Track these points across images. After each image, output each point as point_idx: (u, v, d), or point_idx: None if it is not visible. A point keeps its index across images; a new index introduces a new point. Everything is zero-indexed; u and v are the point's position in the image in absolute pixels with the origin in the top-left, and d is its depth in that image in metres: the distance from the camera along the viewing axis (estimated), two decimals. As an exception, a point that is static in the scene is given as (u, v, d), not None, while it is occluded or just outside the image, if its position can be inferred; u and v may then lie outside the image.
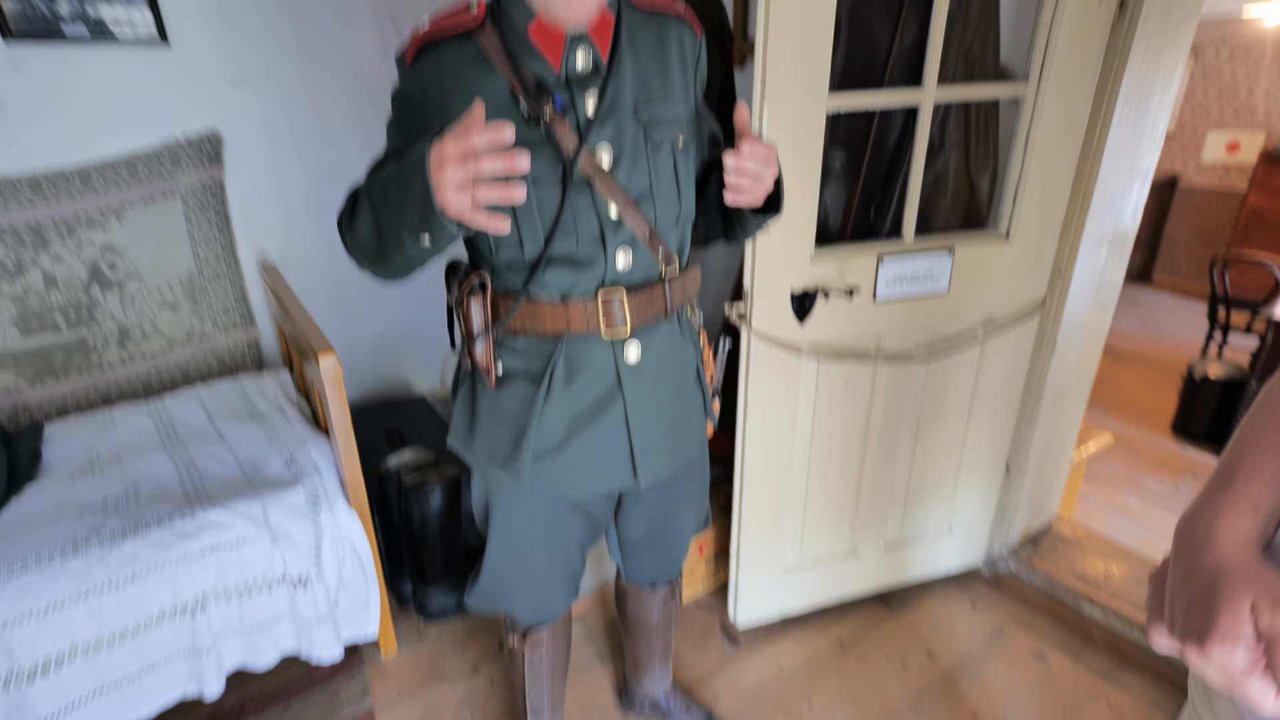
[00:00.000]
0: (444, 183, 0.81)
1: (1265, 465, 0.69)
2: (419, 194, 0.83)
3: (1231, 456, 0.73)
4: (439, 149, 0.81)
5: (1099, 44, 1.73)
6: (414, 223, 0.88)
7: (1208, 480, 0.74)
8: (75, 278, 2.11)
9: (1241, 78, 5.80)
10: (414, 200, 0.85)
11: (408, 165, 0.86)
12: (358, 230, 1.00)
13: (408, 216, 0.88)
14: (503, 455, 1.20)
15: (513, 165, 0.79)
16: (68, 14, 1.98)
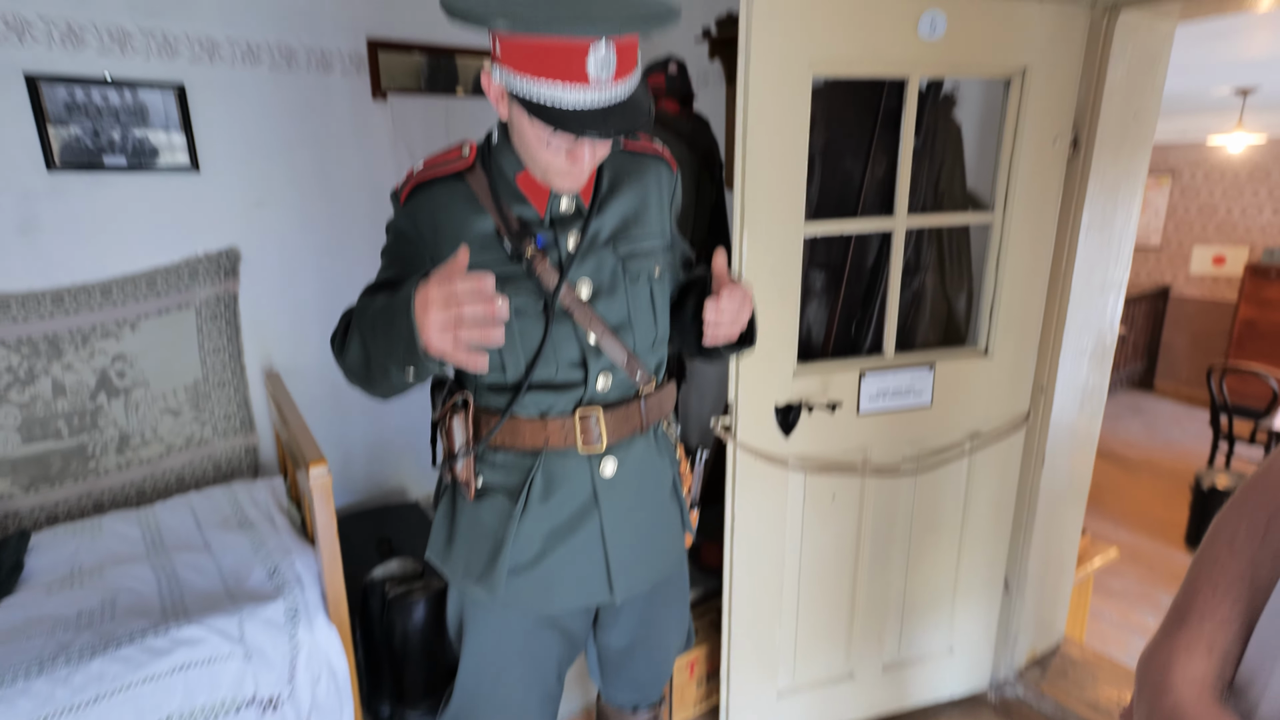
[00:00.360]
0: (428, 324, 0.85)
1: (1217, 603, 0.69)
2: (405, 332, 0.88)
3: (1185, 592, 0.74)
4: (424, 292, 0.85)
5: (1057, 177, 1.85)
6: (399, 357, 0.92)
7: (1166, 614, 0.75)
8: (84, 385, 2.18)
9: (1219, 196, 6.06)
10: (400, 337, 0.89)
11: (396, 304, 0.90)
12: (349, 355, 1.06)
13: (394, 351, 0.93)
14: (479, 569, 1.20)
15: (493, 312, 0.84)
16: (111, 145, 2.15)
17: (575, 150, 0.99)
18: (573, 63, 0.88)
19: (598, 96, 0.91)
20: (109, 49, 2.11)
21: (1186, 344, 6.45)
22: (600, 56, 0.89)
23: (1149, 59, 1.87)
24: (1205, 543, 0.75)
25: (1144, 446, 5.29)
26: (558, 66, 0.88)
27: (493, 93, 1.00)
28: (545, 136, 0.98)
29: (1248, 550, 0.70)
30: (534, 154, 1.02)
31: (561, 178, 1.04)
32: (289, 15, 2.36)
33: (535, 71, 0.90)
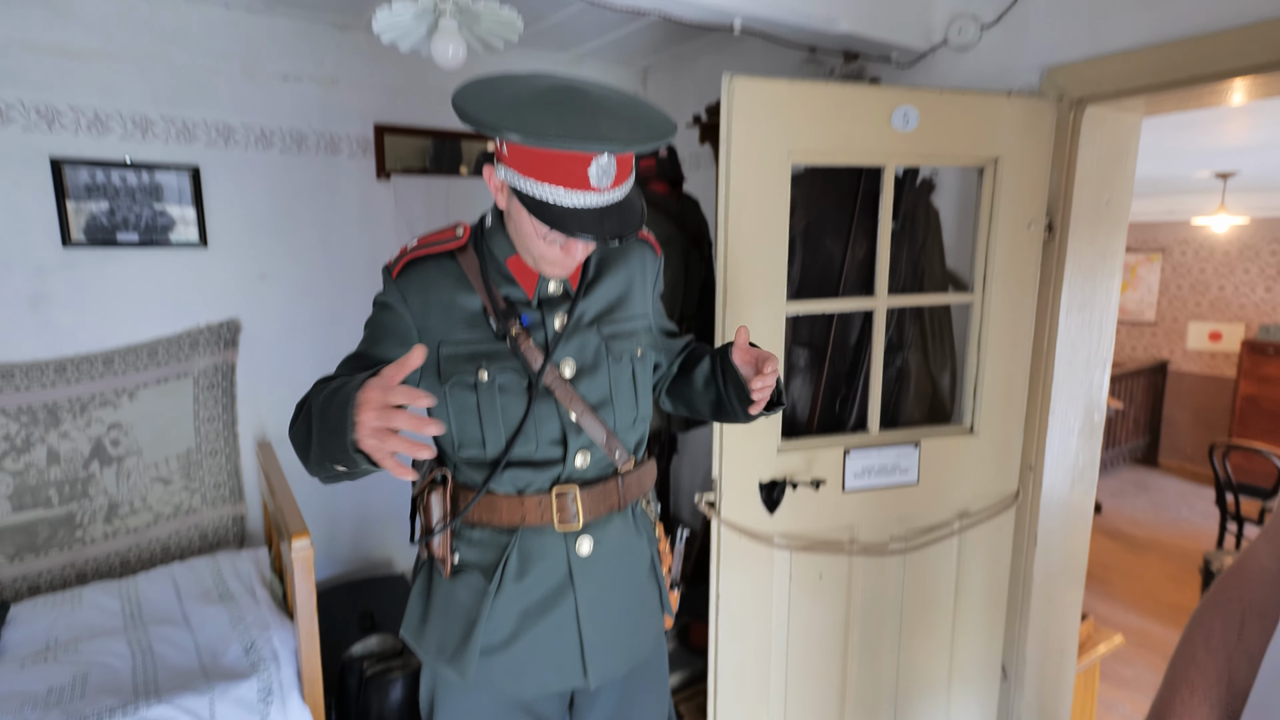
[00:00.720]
0: (362, 423, 0.85)
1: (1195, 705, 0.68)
2: (339, 425, 0.88)
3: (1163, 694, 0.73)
4: (363, 393, 0.86)
5: (1034, 259, 1.90)
6: (333, 451, 0.91)
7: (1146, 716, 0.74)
8: (78, 454, 2.20)
9: (1210, 274, 6.15)
10: (337, 429, 0.89)
11: (340, 396, 0.90)
12: (297, 433, 1.04)
13: (330, 443, 0.91)
14: (451, 649, 1.18)
15: (420, 430, 0.87)
16: (125, 223, 2.25)
17: (569, 244, 1.04)
18: (575, 171, 0.94)
19: (596, 200, 0.97)
20: (131, 134, 2.24)
21: (1189, 420, 6.41)
22: (602, 166, 0.95)
23: (1117, 149, 1.96)
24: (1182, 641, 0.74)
25: (1151, 525, 5.18)
26: (561, 173, 0.94)
27: (493, 184, 1.05)
28: (543, 231, 1.03)
29: (1223, 650, 0.69)
30: (529, 244, 1.07)
31: (552, 266, 1.09)
32: (302, 104, 2.51)
33: (539, 176, 0.95)
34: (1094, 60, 1.78)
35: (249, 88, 2.40)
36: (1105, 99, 1.80)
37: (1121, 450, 6.47)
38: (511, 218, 1.07)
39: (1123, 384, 6.19)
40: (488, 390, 1.11)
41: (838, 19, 1.89)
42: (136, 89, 2.23)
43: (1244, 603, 0.70)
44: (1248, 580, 0.71)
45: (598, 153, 0.93)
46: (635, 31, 2.65)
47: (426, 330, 1.11)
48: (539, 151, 0.94)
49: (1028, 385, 1.98)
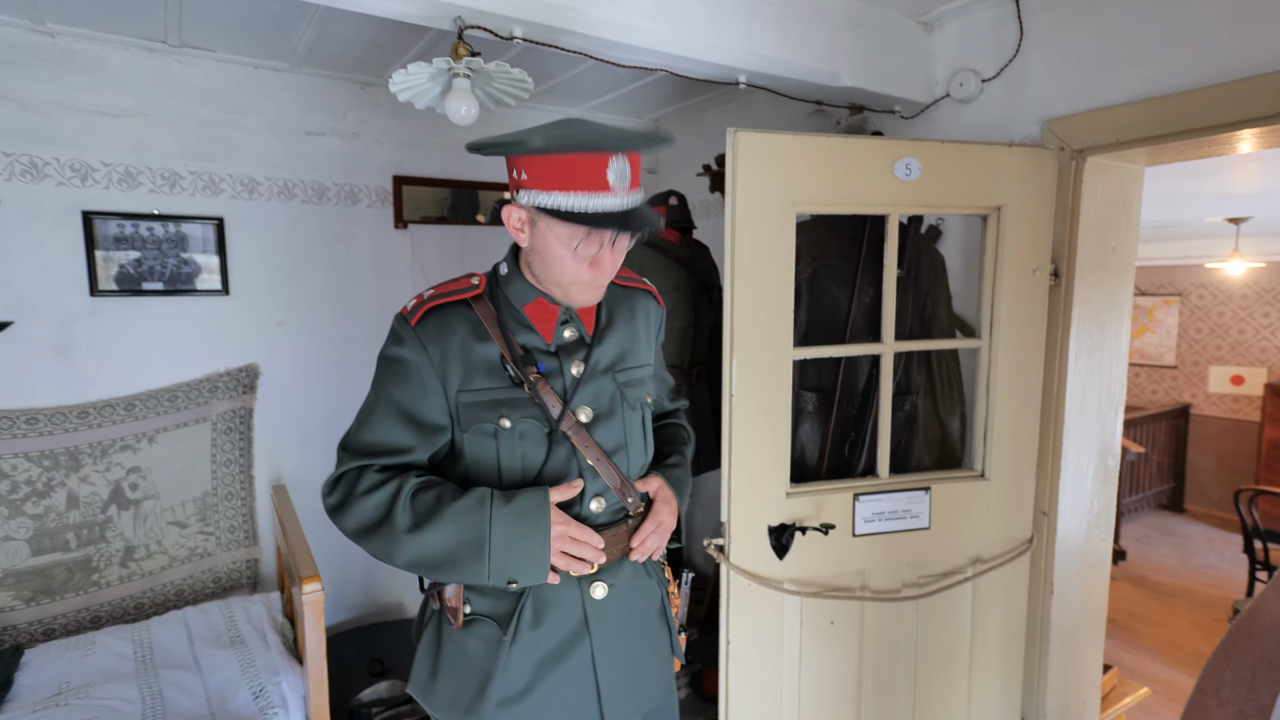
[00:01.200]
0: (557, 550, 1.09)
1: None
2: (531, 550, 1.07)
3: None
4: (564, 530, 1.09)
5: (1040, 305, 1.91)
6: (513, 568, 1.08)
7: None
8: (97, 498, 2.24)
9: (1229, 317, 6.10)
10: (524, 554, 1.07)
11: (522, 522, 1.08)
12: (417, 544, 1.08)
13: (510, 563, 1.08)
14: (465, 703, 1.17)
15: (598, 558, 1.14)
16: (151, 272, 2.33)
17: (599, 259, 1.09)
18: (595, 174, 1.02)
19: (618, 201, 1.05)
20: (160, 188, 2.34)
21: (1213, 464, 6.28)
22: (618, 167, 1.04)
23: (1121, 197, 1.98)
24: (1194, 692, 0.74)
25: (1178, 572, 5.03)
26: (583, 179, 1.02)
27: (514, 220, 1.10)
28: (572, 245, 1.07)
29: (1235, 702, 0.69)
30: (558, 270, 1.10)
31: (583, 289, 1.12)
32: (323, 157, 2.61)
33: (563, 186, 1.03)
34: (1093, 112, 1.82)
35: (273, 142, 2.51)
36: (1106, 149, 1.83)
37: (1146, 496, 6.32)
38: (536, 249, 1.10)
39: (1144, 428, 6.09)
40: (509, 437, 1.12)
41: (841, 74, 1.95)
42: (166, 145, 2.33)
43: (1255, 654, 0.70)
44: (1259, 632, 0.71)
45: (613, 153, 1.02)
46: (644, 86, 2.74)
47: (446, 378, 1.12)
48: (559, 164, 1.02)
49: (1038, 430, 1.97)
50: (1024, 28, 1.94)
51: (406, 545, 1.08)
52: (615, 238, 1.08)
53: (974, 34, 2.06)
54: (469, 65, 1.61)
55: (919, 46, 2.12)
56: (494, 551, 1.06)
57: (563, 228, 1.06)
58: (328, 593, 2.70)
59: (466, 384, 1.12)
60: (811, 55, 1.90)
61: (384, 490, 1.09)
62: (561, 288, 1.12)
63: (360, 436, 1.14)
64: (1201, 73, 1.64)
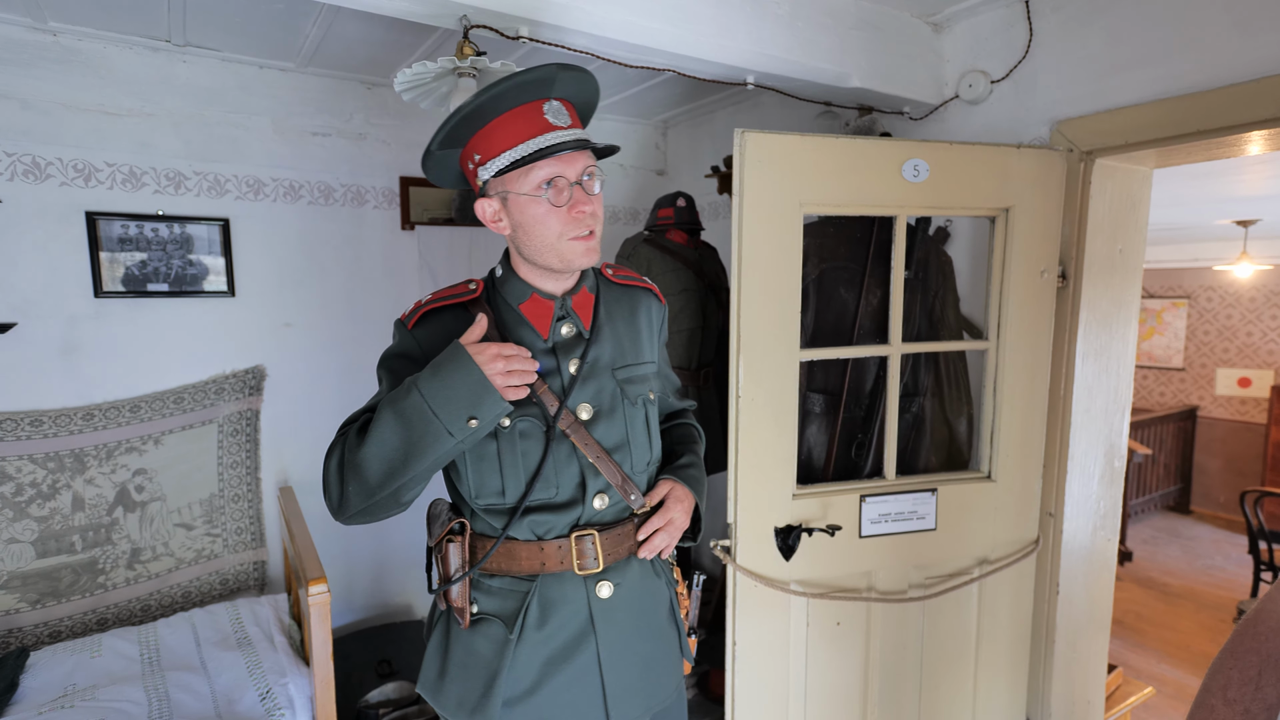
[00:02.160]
0: (494, 372, 1.03)
1: None
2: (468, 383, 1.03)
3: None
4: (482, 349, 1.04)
5: (1048, 307, 1.90)
6: (465, 407, 1.03)
7: None
8: (103, 500, 2.24)
9: (1237, 320, 6.08)
10: (462, 389, 1.03)
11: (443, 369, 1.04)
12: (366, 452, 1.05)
13: (457, 404, 1.03)
14: (472, 702, 1.17)
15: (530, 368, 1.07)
16: (156, 273, 2.33)
17: (574, 201, 1.09)
18: (534, 120, 1.07)
19: (563, 135, 1.08)
20: (164, 189, 2.34)
21: (1220, 466, 6.26)
22: (554, 108, 1.09)
23: (1129, 200, 1.97)
24: (1201, 691, 0.75)
25: (1184, 574, 5.02)
26: (522, 128, 1.07)
27: (489, 213, 1.13)
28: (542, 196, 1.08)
29: (1241, 701, 0.69)
30: (541, 231, 1.10)
31: (574, 248, 1.12)
32: (330, 158, 2.61)
33: (509, 143, 1.07)
34: (1102, 114, 1.81)
35: (279, 143, 2.50)
36: (1115, 151, 1.82)
37: (1153, 497, 6.31)
38: (518, 226, 1.12)
39: (1152, 430, 6.07)
40: (509, 436, 1.13)
41: (849, 75, 1.94)
42: (171, 145, 2.33)
43: (1261, 654, 0.70)
44: (1266, 632, 0.72)
45: (544, 98, 1.08)
46: (652, 87, 2.74)
47: None
48: (497, 126, 1.07)
49: (1045, 432, 1.97)
50: (1033, 29, 1.93)
51: (367, 460, 1.05)
52: (582, 174, 1.10)
53: (983, 35, 2.05)
54: (474, 64, 1.61)
55: (928, 47, 2.11)
56: (435, 405, 1.03)
57: (526, 182, 1.08)
58: (336, 594, 2.70)
59: None
60: (820, 56, 1.89)
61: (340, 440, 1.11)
62: (556, 253, 1.12)
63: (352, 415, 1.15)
64: (1211, 74, 1.63)
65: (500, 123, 1.07)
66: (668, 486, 1.24)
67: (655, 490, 1.23)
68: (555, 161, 1.08)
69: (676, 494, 1.24)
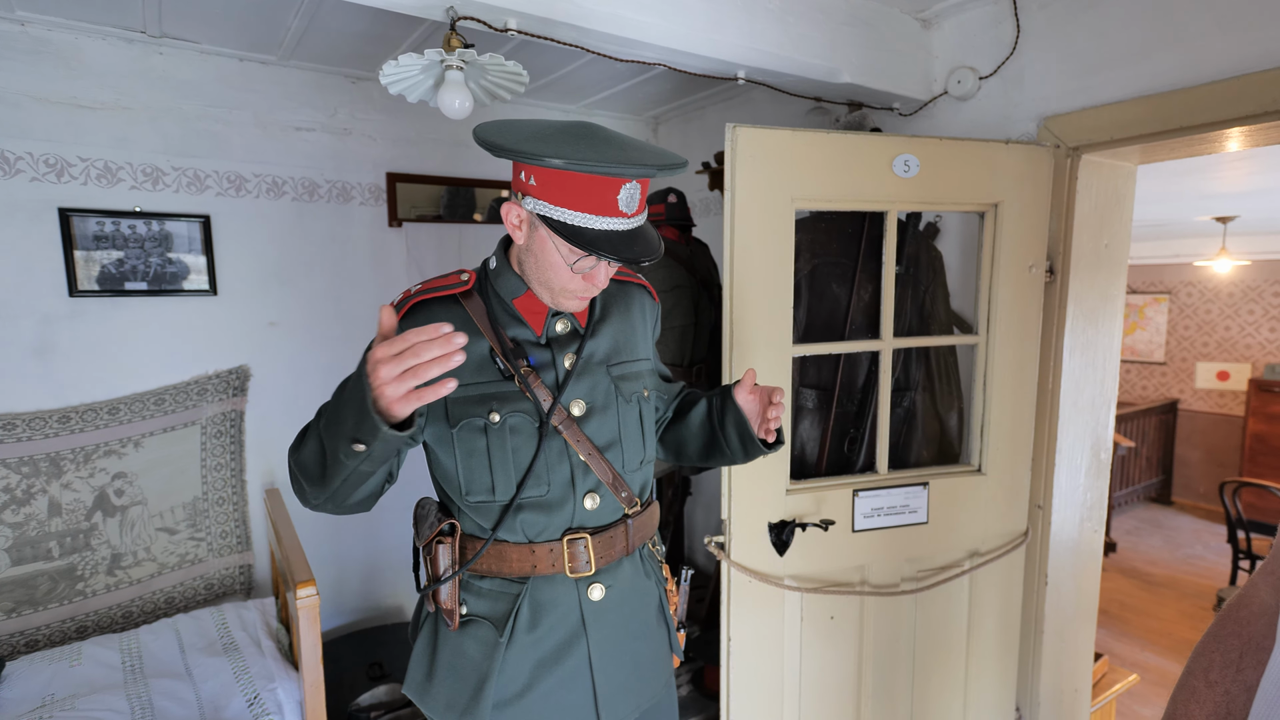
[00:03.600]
0: (378, 383, 0.84)
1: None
2: (356, 398, 0.88)
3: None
4: (371, 356, 0.85)
5: (1036, 301, 1.92)
6: (350, 430, 0.90)
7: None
8: (80, 505, 2.19)
9: (1216, 314, 6.19)
10: (351, 406, 0.89)
11: (346, 381, 0.95)
12: (303, 453, 1.03)
13: (344, 425, 0.91)
14: (461, 704, 1.16)
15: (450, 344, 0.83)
16: (134, 271, 2.28)
17: (594, 273, 1.07)
18: (607, 198, 1.00)
19: (623, 225, 1.02)
20: (142, 184, 2.28)
21: (1200, 458, 6.37)
22: (630, 192, 1.01)
23: (1115, 195, 1.99)
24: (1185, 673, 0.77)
25: (1166, 563, 5.10)
26: (594, 201, 0.99)
27: (514, 217, 1.07)
28: (571, 260, 1.05)
29: (1222, 683, 0.71)
30: (550, 276, 1.08)
31: (570, 299, 1.11)
32: (314, 154, 2.56)
33: (571, 205, 1.00)
34: (1088, 110, 1.82)
35: (261, 138, 2.46)
36: (1101, 147, 1.84)
37: (1135, 489, 6.41)
38: (532, 252, 1.08)
39: (1135, 423, 6.17)
40: (498, 432, 1.11)
41: (839, 71, 1.94)
42: (148, 140, 2.27)
43: (1243, 638, 0.72)
44: (1247, 616, 0.73)
45: (628, 179, 1.00)
46: (643, 82, 2.72)
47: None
48: (572, 181, 0.98)
49: (1034, 425, 1.98)
50: (1021, 25, 1.94)
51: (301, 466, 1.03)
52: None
53: (972, 31, 2.05)
54: (462, 57, 1.58)
55: (917, 43, 2.12)
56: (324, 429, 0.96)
57: (563, 243, 1.04)
58: (325, 596, 2.66)
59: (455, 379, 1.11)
60: (811, 51, 1.89)
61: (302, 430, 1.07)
62: (550, 292, 1.10)
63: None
64: (1194, 71, 1.64)
65: (573, 177, 0.98)
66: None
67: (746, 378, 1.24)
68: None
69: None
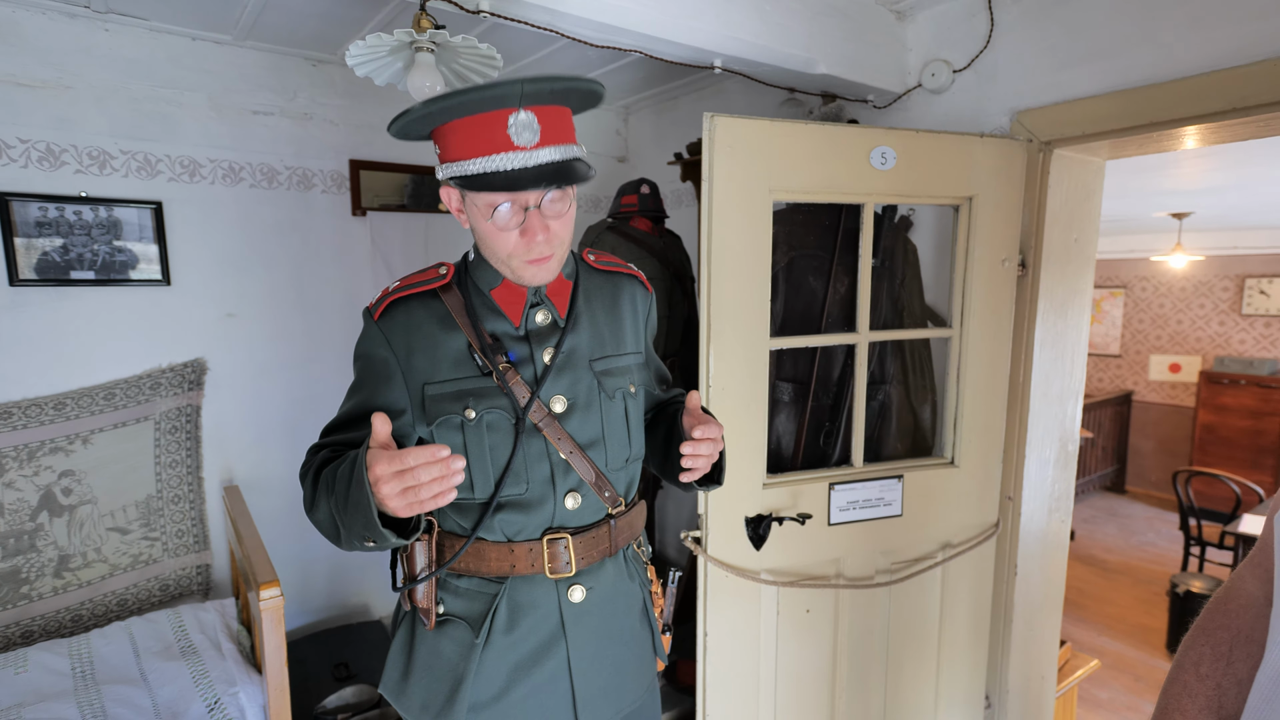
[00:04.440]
0: (385, 496, 0.88)
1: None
2: (362, 507, 0.90)
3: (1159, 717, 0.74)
4: (372, 473, 0.87)
5: (1008, 295, 1.93)
6: (359, 530, 0.94)
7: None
8: (24, 504, 2.08)
9: (1169, 308, 6.40)
10: (358, 513, 0.92)
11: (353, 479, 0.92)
12: (318, 515, 1.04)
13: (355, 525, 0.94)
14: (437, 706, 1.13)
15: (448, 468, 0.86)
16: (80, 260, 2.16)
17: (526, 226, 1.01)
18: (495, 133, 0.96)
19: (524, 159, 0.97)
20: (88, 169, 2.17)
21: (1153, 448, 6.59)
22: (520, 121, 0.96)
23: (1084, 190, 2.01)
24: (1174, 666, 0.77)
25: (1121, 551, 5.27)
26: (482, 140, 0.96)
27: (453, 201, 1.06)
28: (489, 214, 1.00)
29: (1213, 677, 0.71)
30: (492, 244, 1.04)
31: (524, 267, 1.05)
32: (273, 139, 2.46)
33: (467, 152, 0.97)
34: (1060, 105, 1.84)
35: (216, 121, 2.35)
36: (1071, 142, 1.86)
37: (1092, 479, 6.60)
38: (476, 230, 1.06)
39: (1091, 414, 6.35)
40: (475, 429, 1.07)
41: (816, 61, 1.93)
42: (93, 121, 2.15)
43: (1232, 630, 0.72)
44: (1235, 609, 0.73)
45: (513, 107, 0.95)
46: (616, 70, 2.67)
47: (410, 371, 1.08)
48: (457, 129, 0.97)
49: (1005, 417, 2.00)
50: (995, 20, 1.95)
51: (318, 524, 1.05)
52: (540, 201, 1.00)
53: (946, 25, 2.06)
54: (433, 38, 1.52)
55: (892, 36, 2.11)
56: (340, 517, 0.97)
57: (477, 196, 1.00)
58: (290, 595, 2.58)
59: (433, 376, 1.08)
60: (788, 41, 1.87)
61: (311, 472, 1.07)
62: (507, 266, 1.06)
63: (330, 423, 1.13)
64: (1163, 68, 1.67)
65: (459, 124, 0.97)
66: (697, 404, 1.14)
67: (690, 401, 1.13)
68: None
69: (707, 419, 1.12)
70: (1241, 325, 6.01)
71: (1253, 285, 5.90)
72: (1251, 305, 5.93)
